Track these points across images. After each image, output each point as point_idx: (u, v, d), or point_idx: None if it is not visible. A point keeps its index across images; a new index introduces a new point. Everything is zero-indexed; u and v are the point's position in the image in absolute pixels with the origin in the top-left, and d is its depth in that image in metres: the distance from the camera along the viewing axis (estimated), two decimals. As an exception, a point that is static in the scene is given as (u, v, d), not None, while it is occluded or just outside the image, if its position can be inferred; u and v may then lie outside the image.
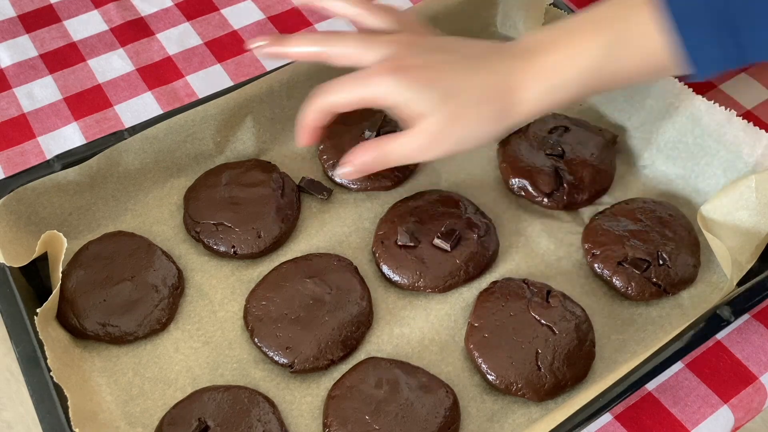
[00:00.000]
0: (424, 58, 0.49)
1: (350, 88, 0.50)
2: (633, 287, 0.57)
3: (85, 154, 0.59)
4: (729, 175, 0.61)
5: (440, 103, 0.48)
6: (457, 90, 0.48)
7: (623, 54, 0.48)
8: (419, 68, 0.49)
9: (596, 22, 0.49)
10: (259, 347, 0.55)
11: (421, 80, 0.48)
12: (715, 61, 0.46)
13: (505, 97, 0.49)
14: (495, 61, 0.50)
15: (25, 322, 0.52)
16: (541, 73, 0.49)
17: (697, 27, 0.45)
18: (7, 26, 0.78)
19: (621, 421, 0.53)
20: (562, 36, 0.49)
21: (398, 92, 0.48)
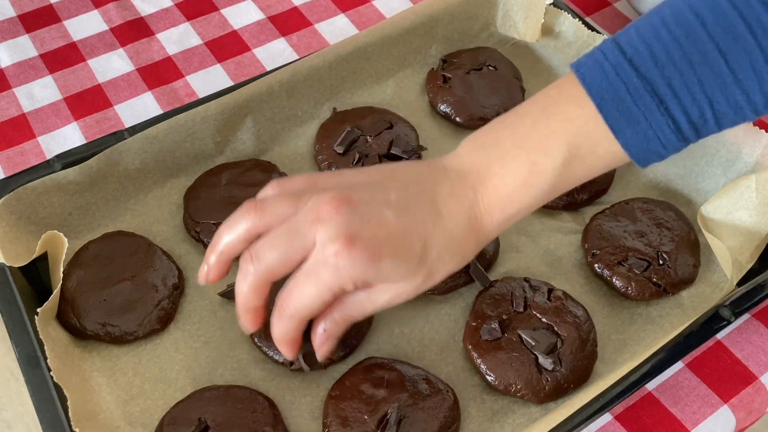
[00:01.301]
0: (376, 219, 0.43)
1: (308, 288, 0.43)
2: (633, 287, 0.57)
3: (85, 154, 0.59)
4: (729, 175, 0.61)
5: (413, 270, 0.44)
6: (426, 250, 0.44)
7: (581, 166, 0.46)
8: (378, 236, 0.43)
9: (543, 136, 0.45)
10: (259, 347, 0.55)
11: (386, 251, 0.43)
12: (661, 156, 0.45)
13: (471, 238, 0.46)
14: (446, 201, 0.45)
15: (25, 322, 0.52)
16: (498, 207, 0.46)
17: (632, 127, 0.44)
18: (7, 26, 0.78)
19: (621, 421, 0.53)
20: (507, 157, 0.46)
21: (367, 274, 0.43)
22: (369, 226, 0.43)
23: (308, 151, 0.66)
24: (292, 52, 0.76)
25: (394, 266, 0.43)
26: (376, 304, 0.46)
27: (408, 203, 0.45)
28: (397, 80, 0.71)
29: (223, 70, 0.74)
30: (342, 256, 0.42)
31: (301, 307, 0.44)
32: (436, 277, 0.46)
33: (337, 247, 0.42)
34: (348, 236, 0.42)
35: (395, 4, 0.81)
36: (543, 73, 0.73)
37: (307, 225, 0.43)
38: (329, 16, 0.80)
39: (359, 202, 0.44)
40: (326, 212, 0.42)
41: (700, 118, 0.43)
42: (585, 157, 0.45)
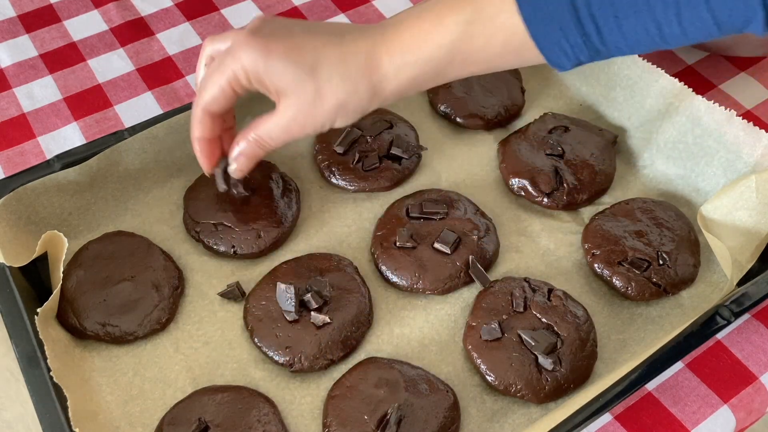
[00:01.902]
0: (280, 29, 0.48)
1: (212, 78, 0.49)
2: (633, 287, 0.57)
3: (85, 154, 0.59)
4: (729, 175, 0.61)
5: (303, 78, 0.47)
6: (317, 62, 0.47)
7: (481, 32, 0.47)
8: (278, 38, 0.47)
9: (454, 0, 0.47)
10: (259, 347, 0.55)
11: (279, 49, 0.47)
12: (564, 51, 0.45)
13: (366, 73, 0.48)
14: (353, 36, 0.48)
15: (25, 322, 0.52)
16: (397, 49, 0.48)
17: (539, 10, 0.44)
18: (7, 26, 0.78)
19: (621, 421, 0.53)
20: (422, 13, 0.48)
21: (257, 64, 0.47)
22: (273, 30, 0.48)
23: (308, 151, 0.66)
24: (292, 52, 0.76)
25: (282, 66, 0.47)
26: (279, 124, 0.50)
27: (318, 30, 0.49)
28: (397, 80, 0.71)
29: (223, 70, 0.74)
30: (240, 44, 0.47)
31: (207, 98, 0.50)
32: (326, 99, 0.48)
33: (240, 39, 0.48)
34: (251, 33, 0.48)
35: (395, 4, 0.81)
36: (543, 73, 0.73)
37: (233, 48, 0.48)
38: (329, 16, 0.80)
39: (278, 21, 0.49)
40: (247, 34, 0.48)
41: (600, 11, 0.43)
42: (486, 21, 0.46)
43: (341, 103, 0.48)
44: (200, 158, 0.55)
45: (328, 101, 0.48)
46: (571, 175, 0.63)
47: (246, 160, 0.52)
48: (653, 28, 0.44)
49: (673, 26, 0.43)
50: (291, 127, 0.49)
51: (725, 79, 0.74)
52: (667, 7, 0.43)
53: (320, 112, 0.48)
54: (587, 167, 0.64)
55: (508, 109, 0.69)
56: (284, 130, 0.50)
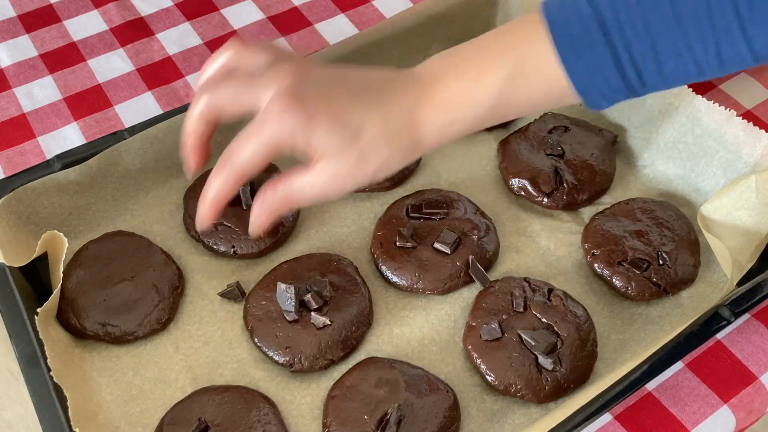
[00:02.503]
0: (321, 91, 0.46)
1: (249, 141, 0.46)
2: (633, 287, 0.57)
3: (85, 154, 0.59)
4: (729, 175, 0.61)
5: (347, 144, 0.46)
6: (362, 128, 0.46)
7: (524, 86, 0.47)
8: (318, 102, 0.45)
9: (496, 50, 0.47)
10: (259, 347, 0.55)
11: (323, 117, 0.45)
12: (604, 95, 0.46)
13: (410, 132, 0.47)
14: (395, 94, 0.47)
15: (25, 322, 0.52)
16: (440, 107, 0.47)
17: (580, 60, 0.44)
18: (7, 26, 0.78)
19: (621, 421, 0.53)
20: (462, 66, 0.47)
21: (300, 132, 0.45)
22: (315, 93, 0.46)
23: (308, 151, 0.66)
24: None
25: (327, 132, 0.45)
26: (314, 184, 0.47)
27: (360, 89, 0.47)
28: (397, 80, 0.71)
29: (223, 70, 0.74)
30: (281, 108, 0.45)
31: (242, 157, 0.46)
32: (369, 162, 0.47)
33: (280, 100, 0.45)
34: (291, 93, 0.45)
35: (395, 4, 0.81)
36: (543, 73, 0.73)
37: (267, 83, 0.46)
38: (329, 16, 0.80)
39: (317, 77, 0.47)
40: (283, 74, 0.46)
41: (641, 57, 0.44)
42: (528, 75, 0.46)
43: (384, 163, 0.48)
44: (188, 153, 0.51)
45: (371, 164, 0.47)
46: (571, 175, 0.63)
47: (269, 215, 0.48)
48: (693, 67, 0.44)
49: (713, 64, 0.44)
50: (328, 188, 0.47)
51: (725, 79, 0.74)
52: (707, 48, 0.43)
53: (362, 173, 0.47)
54: (587, 167, 0.64)
55: (508, 109, 0.69)
56: (320, 189, 0.47)
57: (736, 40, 0.42)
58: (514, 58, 0.46)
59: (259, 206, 0.48)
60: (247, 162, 0.46)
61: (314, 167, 0.46)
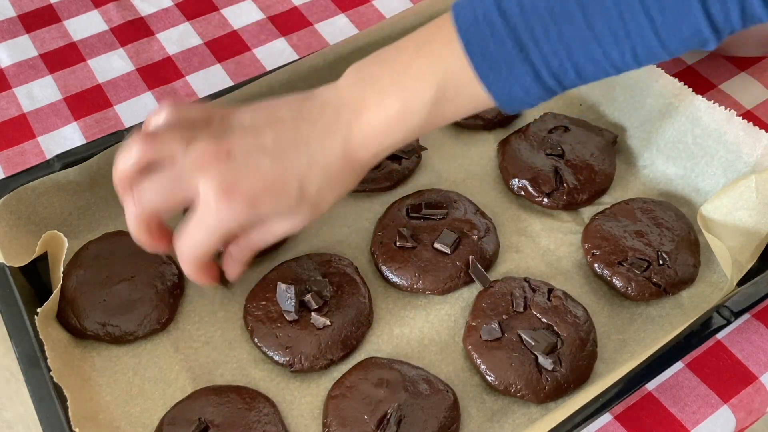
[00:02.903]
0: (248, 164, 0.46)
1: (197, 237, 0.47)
2: (633, 287, 0.57)
3: (85, 154, 0.59)
4: (729, 175, 0.61)
5: (295, 205, 0.47)
6: (303, 185, 0.47)
7: (450, 105, 0.47)
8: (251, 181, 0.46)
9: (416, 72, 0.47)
10: (259, 347, 0.55)
11: (264, 196, 0.46)
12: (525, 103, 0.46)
13: (348, 168, 0.49)
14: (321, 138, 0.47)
15: (25, 322, 0.52)
16: (371, 138, 0.48)
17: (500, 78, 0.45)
18: (7, 26, 0.78)
19: (621, 421, 0.53)
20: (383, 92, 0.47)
21: (245, 217, 0.46)
22: (246, 175, 0.46)
23: (308, 151, 0.66)
24: (292, 52, 0.76)
25: (273, 206, 0.47)
26: (276, 234, 0.50)
27: (283, 147, 0.47)
28: (397, 80, 0.71)
29: (223, 70, 0.74)
30: (222, 205, 0.45)
31: (194, 251, 0.48)
32: (323, 206, 0.49)
33: (218, 197, 0.45)
34: (226, 187, 0.45)
35: (395, 4, 0.81)
36: (543, 73, 0.73)
37: (190, 172, 0.46)
38: (329, 16, 0.80)
39: (239, 151, 0.46)
40: (207, 162, 0.46)
41: (560, 69, 0.44)
42: (453, 98, 0.47)
43: (334, 201, 0.50)
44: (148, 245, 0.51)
45: (323, 207, 0.49)
46: (571, 175, 0.63)
47: (241, 266, 0.53)
48: (611, 69, 0.45)
49: (630, 64, 0.45)
50: (287, 234, 0.50)
51: (725, 79, 0.74)
52: (623, 53, 0.44)
53: (316, 216, 0.49)
54: (587, 167, 0.64)
55: (508, 109, 0.69)
56: (281, 236, 0.50)
57: (651, 43, 0.43)
58: (436, 83, 0.46)
59: (231, 263, 0.52)
60: (202, 253, 0.49)
61: (270, 222, 0.49)
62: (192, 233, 0.48)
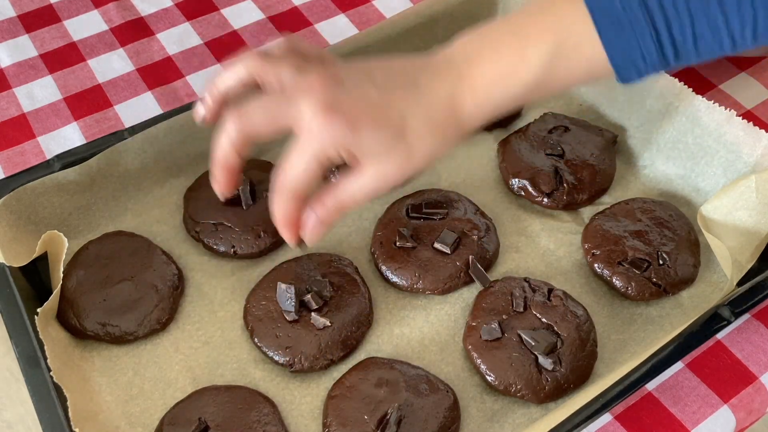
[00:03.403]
0: (355, 93, 0.46)
1: (294, 159, 0.46)
2: (633, 287, 0.57)
3: (85, 154, 0.59)
4: (729, 175, 0.61)
5: (393, 142, 0.46)
6: (404, 122, 0.46)
7: (565, 65, 0.47)
8: (355, 106, 0.45)
9: (535, 30, 0.47)
10: (259, 347, 0.55)
11: (363, 121, 0.45)
12: (638, 70, 0.46)
13: (452, 118, 0.47)
14: (430, 81, 0.47)
15: (25, 322, 0.52)
16: (481, 89, 0.47)
17: (620, 38, 0.45)
18: (7, 26, 0.78)
19: (621, 421, 0.53)
20: (499, 43, 0.47)
21: (344, 141, 0.45)
22: (350, 97, 0.45)
23: (308, 151, 0.66)
24: (292, 52, 0.76)
25: (372, 135, 0.45)
26: (364, 187, 0.47)
27: (391, 83, 0.47)
28: (397, 80, 0.71)
29: (223, 70, 0.74)
30: (322, 122, 0.44)
31: (293, 179, 0.46)
32: (417, 156, 0.47)
33: (318, 114, 0.44)
34: (328, 104, 0.44)
35: (395, 4, 0.81)
36: (543, 73, 0.73)
37: (295, 94, 0.45)
38: (329, 16, 0.80)
39: (346, 79, 0.46)
40: (313, 84, 0.45)
41: (680, 34, 0.44)
42: (569, 54, 0.46)
43: (431, 153, 0.47)
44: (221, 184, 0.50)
45: (419, 158, 0.47)
46: (571, 175, 0.63)
47: (325, 227, 0.48)
48: (727, 41, 0.45)
49: (747, 38, 0.45)
50: (378, 188, 0.47)
51: (725, 79, 0.74)
52: (744, 23, 0.44)
53: (410, 168, 0.47)
54: (587, 167, 0.64)
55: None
56: (372, 190, 0.47)
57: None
58: (554, 38, 0.46)
59: (312, 221, 0.48)
60: (301, 183, 0.46)
61: (362, 170, 0.46)
62: (292, 161, 0.46)
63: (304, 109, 0.45)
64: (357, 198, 0.47)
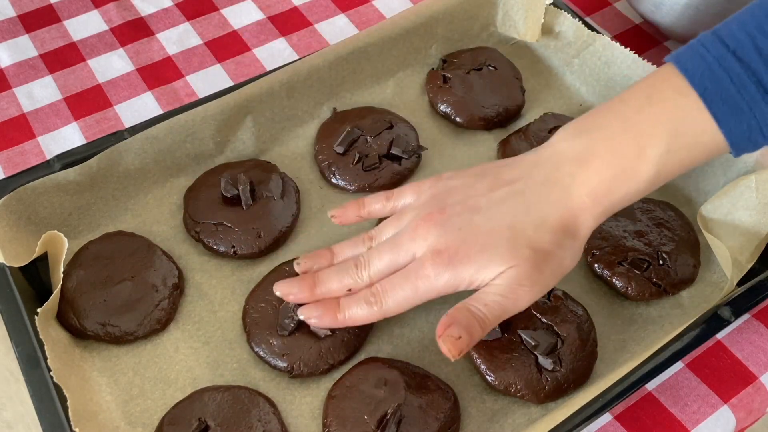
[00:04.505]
0: (465, 225, 0.47)
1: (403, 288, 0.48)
2: (633, 287, 0.57)
3: (85, 154, 0.59)
4: (729, 175, 0.61)
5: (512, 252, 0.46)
6: (517, 233, 0.46)
7: (681, 158, 0.46)
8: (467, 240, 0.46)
9: (648, 123, 0.46)
10: (255, 352, 0.54)
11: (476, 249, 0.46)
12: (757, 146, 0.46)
13: (568, 225, 0.47)
14: (541, 187, 0.47)
15: (25, 322, 0.52)
16: (599, 191, 0.46)
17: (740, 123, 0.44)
18: (7, 26, 0.78)
19: (621, 421, 0.53)
20: (613, 144, 0.46)
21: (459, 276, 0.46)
22: (458, 235, 0.47)
23: (308, 151, 0.66)
24: (292, 52, 0.76)
25: (487, 259, 0.46)
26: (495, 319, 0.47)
27: (496, 203, 0.48)
28: (397, 80, 0.71)
29: (223, 70, 0.74)
30: (433, 265, 0.47)
31: (393, 304, 0.49)
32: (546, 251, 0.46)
33: (428, 258, 0.47)
34: (437, 250, 0.47)
35: (395, 4, 0.81)
36: (543, 73, 0.73)
37: (408, 241, 0.49)
38: (329, 16, 0.80)
39: (451, 214, 0.48)
40: (421, 230, 0.48)
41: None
42: (689, 145, 0.46)
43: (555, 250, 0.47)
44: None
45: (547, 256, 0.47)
46: (571, 175, 0.63)
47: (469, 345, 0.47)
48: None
49: None
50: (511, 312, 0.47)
51: (725, 79, 0.74)
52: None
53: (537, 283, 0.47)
54: (587, 167, 0.64)
55: (508, 108, 0.69)
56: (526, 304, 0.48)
57: None
58: (669, 132, 0.45)
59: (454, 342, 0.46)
60: (397, 308, 0.49)
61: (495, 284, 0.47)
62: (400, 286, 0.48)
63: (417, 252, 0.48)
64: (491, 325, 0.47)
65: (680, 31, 0.72)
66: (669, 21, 0.71)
